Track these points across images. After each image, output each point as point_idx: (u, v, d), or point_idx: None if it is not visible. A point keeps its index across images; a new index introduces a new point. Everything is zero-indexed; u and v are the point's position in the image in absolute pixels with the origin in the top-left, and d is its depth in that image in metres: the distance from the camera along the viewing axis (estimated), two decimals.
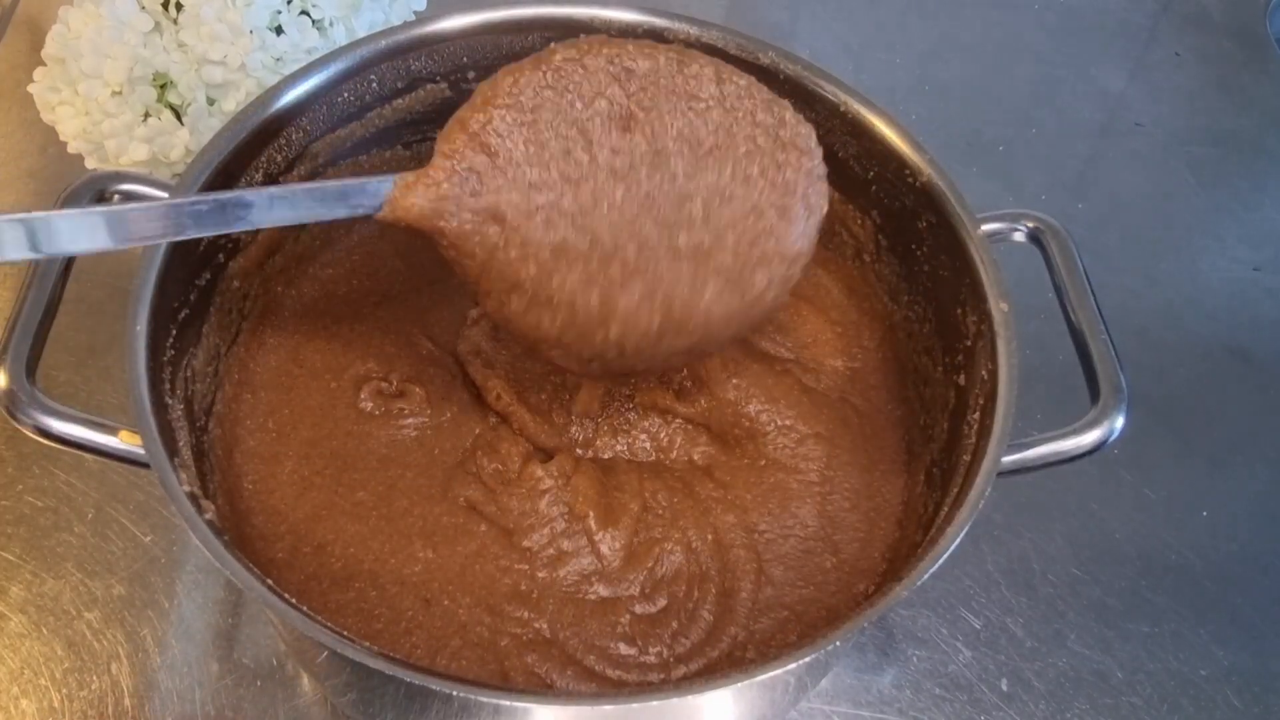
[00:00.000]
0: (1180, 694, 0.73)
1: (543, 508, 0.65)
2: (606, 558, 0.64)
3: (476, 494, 0.66)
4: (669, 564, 0.64)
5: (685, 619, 0.63)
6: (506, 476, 0.66)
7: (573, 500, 0.65)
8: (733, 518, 0.66)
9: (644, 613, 0.63)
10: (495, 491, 0.66)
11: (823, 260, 0.75)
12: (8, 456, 0.75)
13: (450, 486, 0.66)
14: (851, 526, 0.66)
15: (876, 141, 0.67)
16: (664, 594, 0.64)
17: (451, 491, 0.66)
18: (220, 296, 0.66)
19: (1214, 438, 0.85)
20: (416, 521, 0.65)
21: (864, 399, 0.72)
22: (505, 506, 0.65)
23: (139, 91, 0.79)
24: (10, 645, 0.68)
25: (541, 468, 0.66)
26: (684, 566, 0.64)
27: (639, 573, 0.64)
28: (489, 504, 0.65)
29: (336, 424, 0.68)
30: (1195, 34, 1.15)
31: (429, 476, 0.67)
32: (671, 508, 0.66)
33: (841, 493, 0.67)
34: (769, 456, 0.68)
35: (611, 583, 0.63)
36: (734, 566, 0.64)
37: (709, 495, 0.67)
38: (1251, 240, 0.98)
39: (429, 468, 0.67)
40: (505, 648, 0.60)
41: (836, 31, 1.12)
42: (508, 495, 0.65)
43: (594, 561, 0.64)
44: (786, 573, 0.65)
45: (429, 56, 0.70)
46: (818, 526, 0.66)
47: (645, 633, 0.62)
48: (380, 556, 0.63)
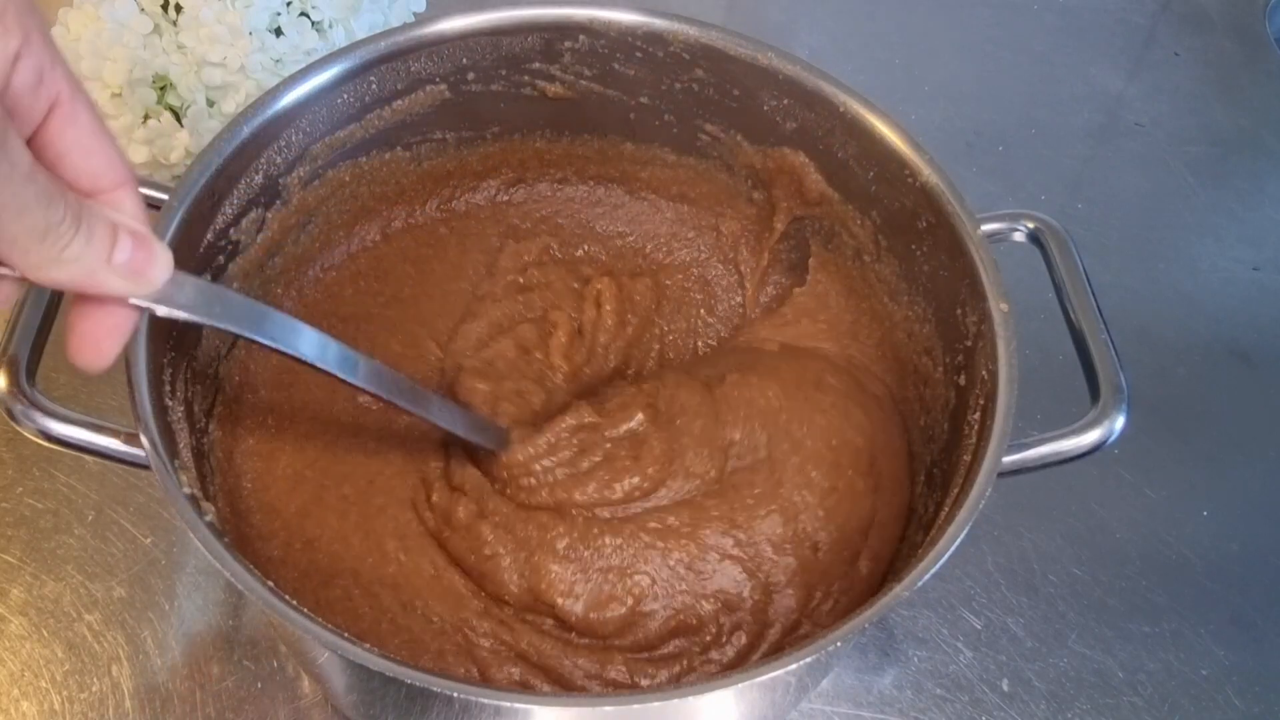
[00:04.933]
0: (1181, 694, 0.73)
1: (500, 577, 0.61)
2: (592, 631, 0.61)
3: (431, 523, 0.64)
4: (671, 624, 0.61)
5: (686, 667, 0.61)
6: (453, 523, 0.63)
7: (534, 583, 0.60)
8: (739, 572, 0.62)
9: (641, 657, 0.61)
10: (442, 532, 0.63)
11: (823, 261, 0.75)
12: (8, 459, 0.75)
13: (415, 499, 0.65)
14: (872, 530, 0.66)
15: (876, 141, 0.67)
16: (668, 645, 0.61)
17: (416, 505, 0.65)
18: None
19: (1214, 437, 0.85)
20: (390, 522, 0.64)
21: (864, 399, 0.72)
22: (458, 552, 0.62)
23: (138, 93, 0.79)
24: (10, 648, 0.68)
25: (491, 530, 0.61)
26: (693, 627, 0.61)
27: (632, 636, 0.61)
28: (440, 539, 0.63)
29: (334, 416, 0.68)
30: (1194, 34, 1.15)
31: (404, 478, 0.66)
32: (670, 574, 0.61)
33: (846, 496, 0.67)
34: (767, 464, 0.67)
35: (601, 639, 0.61)
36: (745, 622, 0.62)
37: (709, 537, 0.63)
38: (1251, 240, 0.98)
39: (405, 469, 0.66)
40: (485, 659, 0.60)
41: (836, 32, 1.12)
42: (457, 540, 0.62)
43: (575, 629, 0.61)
44: (825, 597, 0.63)
45: (428, 58, 0.70)
46: (842, 535, 0.65)
47: (641, 669, 0.60)
48: (360, 554, 0.63)
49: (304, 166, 0.69)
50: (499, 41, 0.70)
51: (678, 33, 0.70)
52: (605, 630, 0.60)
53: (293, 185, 0.69)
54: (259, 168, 0.66)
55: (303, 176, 0.69)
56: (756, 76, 0.69)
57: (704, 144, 0.75)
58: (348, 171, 0.72)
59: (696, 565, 0.62)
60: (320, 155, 0.70)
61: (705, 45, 0.70)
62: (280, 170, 0.68)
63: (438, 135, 0.75)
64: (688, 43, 0.70)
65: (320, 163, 0.70)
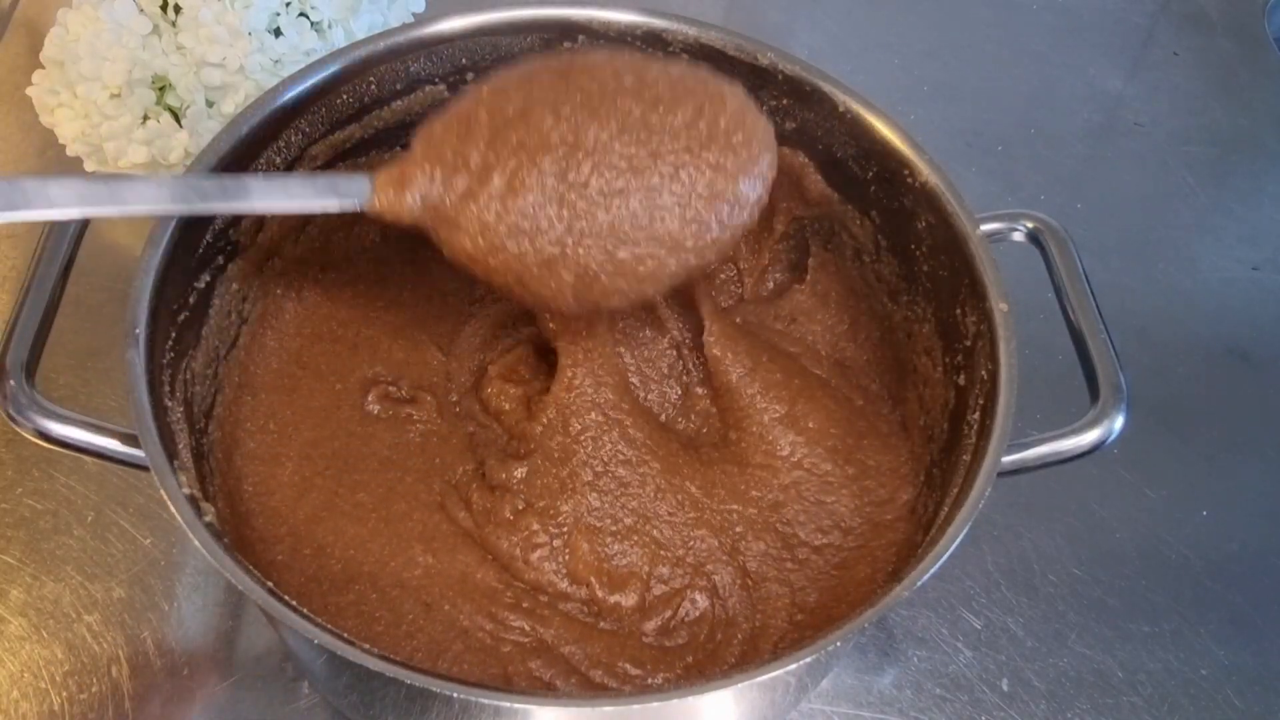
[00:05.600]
0: (1181, 693, 0.73)
1: (535, 560, 0.63)
2: (616, 613, 0.63)
3: (468, 523, 0.65)
4: (691, 610, 0.63)
5: (703, 657, 0.62)
6: (497, 518, 0.64)
7: (572, 565, 0.63)
8: (763, 544, 0.65)
9: (657, 644, 0.62)
10: (485, 529, 0.64)
11: (822, 261, 0.75)
12: (7, 459, 0.75)
13: (446, 503, 0.66)
14: (872, 531, 0.66)
15: (875, 141, 0.67)
16: (683, 633, 0.63)
17: (448, 508, 0.65)
18: (219, 299, 0.66)
19: (1214, 437, 0.85)
20: (415, 526, 0.65)
21: (864, 399, 0.72)
22: (495, 546, 0.64)
23: (138, 94, 0.79)
24: (10, 649, 0.68)
25: (537, 520, 0.64)
26: (708, 611, 0.63)
27: (655, 620, 0.63)
28: (482, 536, 0.64)
29: (340, 425, 0.68)
30: (1193, 33, 1.15)
31: (427, 484, 0.66)
32: (691, 550, 0.64)
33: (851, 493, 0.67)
34: (775, 460, 0.67)
35: (623, 623, 0.63)
36: (765, 603, 0.63)
37: (728, 519, 0.65)
38: (1250, 239, 0.98)
39: (428, 475, 0.67)
40: (508, 654, 0.60)
41: (835, 32, 1.12)
42: (498, 536, 0.64)
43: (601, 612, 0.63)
44: (821, 596, 0.64)
45: (428, 58, 0.70)
46: (843, 535, 0.65)
47: (656, 659, 0.61)
48: (380, 559, 0.63)
49: (303, 167, 0.69)
50: (498, 42, 0.70)
51: (677, 33, 0.70)
52: (626, 612, 0.62)
53: None
54: (258, 168, 0.66)
55: None
56: (756, 76, 0.69)
57: None
58: (347, 171, 0.72)
59: None
60: (319, 156, 0.70)
61: (704, 45, 0.70)
62: (279, 170, 0.68)
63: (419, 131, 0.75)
64: (687, 43, 0.70)
65: (319, 163, 0.70)
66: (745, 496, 0.66)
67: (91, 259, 0.67)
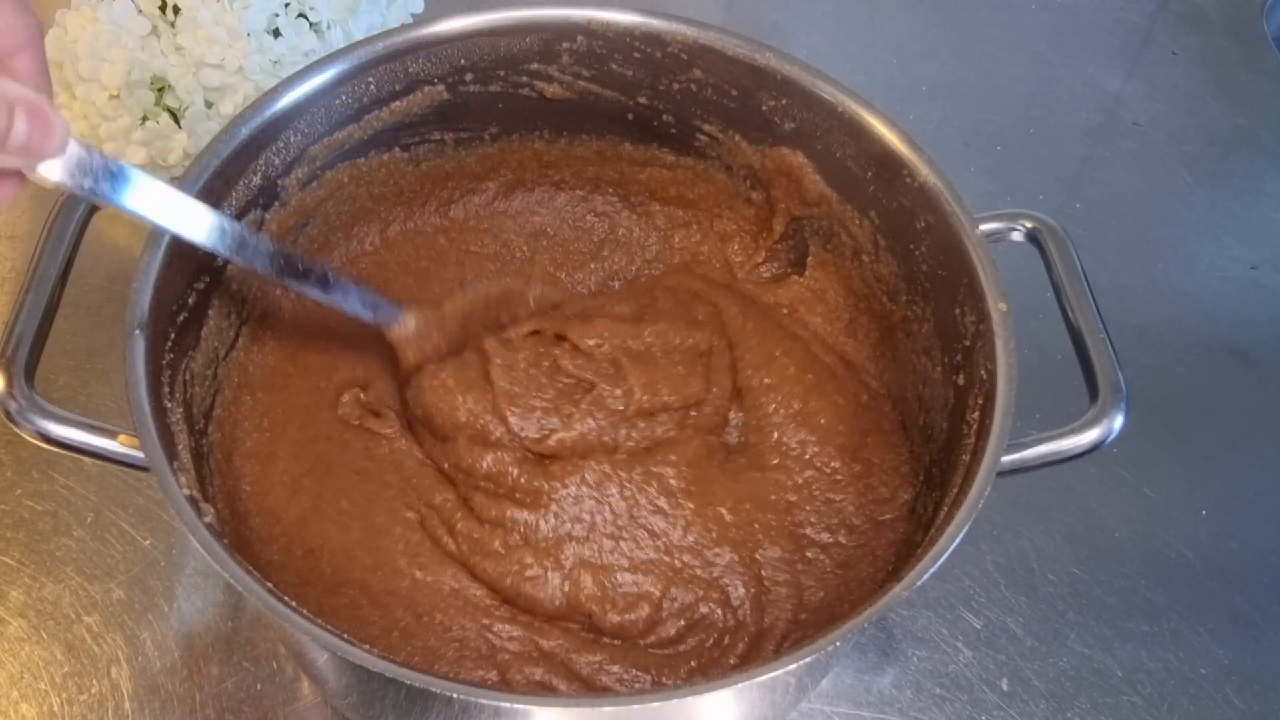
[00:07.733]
0: (1180, 693, 0.73)
1: (528, 590, 0.61)
2: (620, 631, 0.62)
3: (453, 548, 0.63)
4: (701, 621, 0.62)
5: (707, 661, 0.61)
6: (485, 550, 0.62)
7: (572, 595, 0.62)
8: (778, 549, 0.64)
9: (662, 654, 0.62)
10: (471, 558, 0.62)
11: (822, 260, 0.75)
12: (6, 460, 0.75)
13: (427, 524, 0.64)
14: (874, 530, 0.66)
15: (874, 141, 0.67)
16: (691, 640, 0.62)
17: (429, 529, 0.64)
18: (218, 300, 0.66)
19: (1213, 436, 0.85)
20: (397, 542, 0.63)
21: (867, 395, 0.72)
22: (484, 573, 0.62)
23: (136, 95, 0.79)
24: (10, 650, 0.68)
25: (532, 554, 0.62)
26: (719, 620, 0.62)
27: (661, 633, 0.62)
28: (470, 564, 0.62)
29: (320, 426, 0.67)
30: (1192, 33, 1.15)
31: (405, 501, 0.65)
32: (710, 567, 0.63)
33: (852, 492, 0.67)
34: (790, 460, 0.67)
35: (627, 638, 0.62)
36: (773, 605, 0.63)
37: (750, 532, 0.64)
38: (1249, 239, 0.98)
39: (404, 491, 0.65)
40: (506, 661, 0.60)
41: (834, 32, 1.12)
42: (485, 565, 0.62)
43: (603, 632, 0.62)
44: (826, 595, 0.63)
45: (426, 59, 0.70)
46: (848, 533, 0.65)
47: (660, 664, 0.61)
48: (367, 568, 0.62)
49: (302, 168, 0.69)
50: (497, 42, 0.70)
51: (676, 33, 0.70)
52: (634, 631, 0.61)
53: (291, 187, 0.69)
54: (257, 169, 0.66)
55: (301, 178, 0.69)
56: (755, 77, 0.69)
57: (702, 144, 0.75)
58: (346, 173, 0.72)
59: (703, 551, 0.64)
60: (318, 157, 0.70)
61: (703, 45, 0.70)
62: (278, 172, 0.68)
63: (436, 136, 0.75)
64: (686, 43, 0.70)
65: (318, 164, 0.70)
66: (766, 502, 0.66)
67: (91, 260, 0.67)
